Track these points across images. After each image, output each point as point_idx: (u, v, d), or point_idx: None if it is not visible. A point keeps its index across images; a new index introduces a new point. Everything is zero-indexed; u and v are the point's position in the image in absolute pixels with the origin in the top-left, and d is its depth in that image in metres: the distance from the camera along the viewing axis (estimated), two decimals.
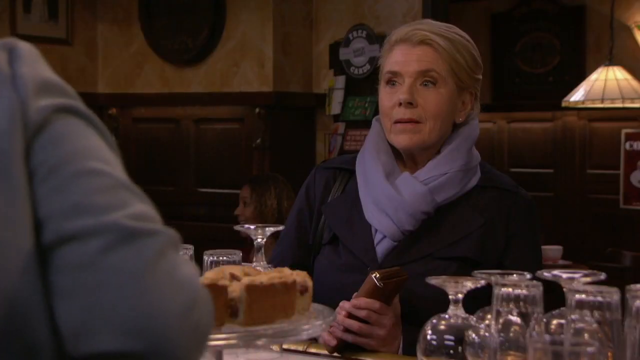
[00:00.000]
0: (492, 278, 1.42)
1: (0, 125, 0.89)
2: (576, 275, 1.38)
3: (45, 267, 0.88)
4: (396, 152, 2.05)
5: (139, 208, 0.91)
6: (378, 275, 1.81)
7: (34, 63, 0.96)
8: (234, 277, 1.46)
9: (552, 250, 5.19)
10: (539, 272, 1.43)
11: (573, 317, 1.35)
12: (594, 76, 5.37)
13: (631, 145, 6.51)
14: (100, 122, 0.97)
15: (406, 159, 2.05)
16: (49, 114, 0.92)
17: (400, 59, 1.99)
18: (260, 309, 1.41)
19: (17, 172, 0.89)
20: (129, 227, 0.88)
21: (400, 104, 1.97)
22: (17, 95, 0.91)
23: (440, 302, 1.46)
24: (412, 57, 1.98)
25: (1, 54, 0.95)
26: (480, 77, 2.06)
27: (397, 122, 1.98)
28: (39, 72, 0.95)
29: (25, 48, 0.97)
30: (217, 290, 1.38)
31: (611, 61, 5.35)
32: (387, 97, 2.01)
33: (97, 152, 0.93)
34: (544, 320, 1.42)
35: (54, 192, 0.89)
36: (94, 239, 0.87)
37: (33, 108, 0.91)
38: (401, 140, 1.99)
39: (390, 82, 2.01)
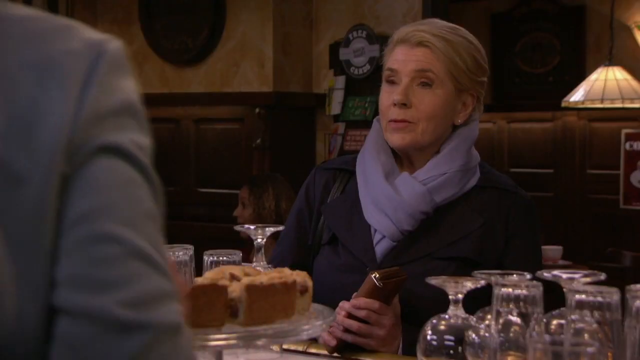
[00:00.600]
0: (492, 278, 1.42)
1: (45, 155, 0.84)
2: (576, 276, 1.38)
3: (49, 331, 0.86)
4: (396, 153, 2.06)
5: (143, 287, 0.85)
6: (377, 275, 1.81)
7: (110, 77, 0.89)
8: (234, 277, 1.46)
9: (552, 251, 5.19)
10: (539, 272, 1.43)
11: (573, 317, 1.36)
12: (593, 76, 5.38)
13: (631, 146, 6.51)
14: (147, 164, 0.90)
15: (403, 159, 2.05)
16: (91, 153, 0.86)
17: (399, 58, 2.01)
18: (260, 309, 1.41)
19: (50, 215, 0.85)
20: (118, 317, 0.83)
21: (395, 104, 1.98)
22: (73, 121, 0.85)
23: (440, 302, 1.46)
24: (410, 57, 1.99)
25: (86, 57, 0.88)
26: (484, 79, 2.06)
27: (391, 121, 1.99)
28: (107, 93, 0.88)
29: (113, 53, 0.90)
30: (217, 290, 1.38)
31: (611, 61, 5.36)
32: (385, 96, 2.02)
33: (124, 209, 0.87)
34: (544, 320, 1.42)
35: (65, 253, 0.85)
36: (80, 322, 0.84)
37: (79, 141, 0.86)
38: (394, 139, 2.00)
39: (389, 80, 2.02)
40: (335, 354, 1.87)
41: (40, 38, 0.88)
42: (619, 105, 5.29)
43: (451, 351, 1.40)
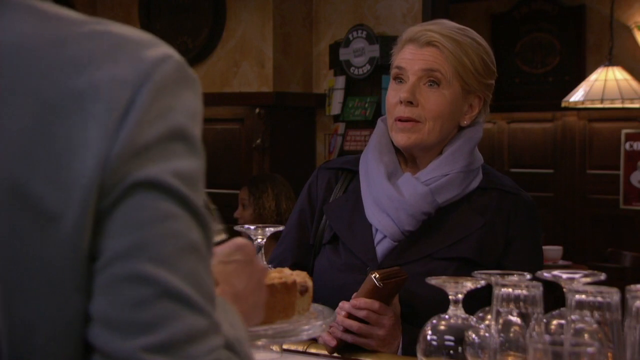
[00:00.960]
0: (492, 278, 1.42)
1: (79, 192, 0.82)
2: (576, 276, 1.38)
3: None
4: (400, 153, 2.06)
5: (172, 330, 0.84)
6: (378, 275, 1.81)
7: (155, 103, 0.86)
8: None
9: (552, 251, 5.19)
10: (538, 273, 1.43)
11: (573, 317, 1.35)
12: (593, 76, 5.38)
13: (631, 146, 6.51)
14: (186, 194, 0.87)
15: (408, 159, 2.05)
16: (126, 190, 0.84)
17: (407, 57, 2.00)
18: None
19: (84, 252, 0.84)
20: None
21: (401, 102, 1.98)
22: (107, 157, 0.83)
23: (440, 302, 1.46)
24: (418, 56, 1.99)
25: (131, 84, 0.85)
26: (492, 82, 2.06)
27: (397, 119, 1.99)
28: (148, 122, 0.85)
29: (165, 74, 0.88)
30: None
31: (611, 61, 5.36)
32: (392, 94, 2.02)
33: (159, 247, 0.85)
34: (544, 320, 1.42)
35: (99, 291, 0.85)
36: None
37: (114, 177, 0.84)
38: (400, 138, 2.00)
39: (397, 78, 2.02)
40: (335, 354, 1.87)
41: (91, 62, 0.86)
42: (619, 105, 5.29)
43: (451, 351, 1.40)
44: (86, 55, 0.86)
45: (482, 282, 1.42)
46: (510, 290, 1.39)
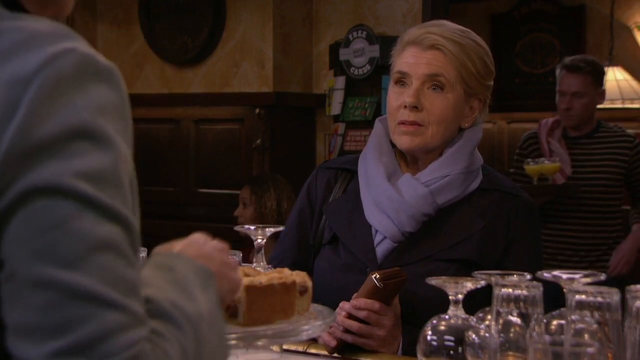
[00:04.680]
0: (492, 279, 1.42)
1: None
2: (576, 276, 1.38)
3: None
4: (399, 153, 2.05)
5: (82, 331, 0.83)
6: (378, 275, 1.81)
7: (44, 104, 0.84)
8: None
9: None
10: (538, 273, 1.43)
11: (573, 317, 1.35)
12: None
13: None
14: (86, 192, 0.85)
15: (409, 160, 2.05)
16: (19, 199, 0.83)
17: (410, 60, 1.99)
18: (260, 309, 1.41)
19: None
20: None
21: (405, 106, 1.97)
22: None
23: (440, 303, 1.46)
24: (421, 60, 1.97)
25: (22, 80, 0.83)
26: (491, 83, 2.06)
27: (400, 123, 1.99)
28: (41, 121, 0.84)
29: (61, 71, 0.85)
30: None
31: (611, 62, 5.36)
32: (394, 97, 2.01)
33: (62, 250, 0.83)
34: (544, 320, 1.42)
35: (8, 301, 0.84)
36: None
37: (3, 179, 0.82)
38: (403, 141, 1.99)
39: (400, 82, 2.01)
40: (335, 354, 1.87)
41: None
42: (619, 105, 5.30)
43: (451, 352, 1.40)
44: None
45: (482, 283, 1.42)
46: (510, 290, 1.39)
